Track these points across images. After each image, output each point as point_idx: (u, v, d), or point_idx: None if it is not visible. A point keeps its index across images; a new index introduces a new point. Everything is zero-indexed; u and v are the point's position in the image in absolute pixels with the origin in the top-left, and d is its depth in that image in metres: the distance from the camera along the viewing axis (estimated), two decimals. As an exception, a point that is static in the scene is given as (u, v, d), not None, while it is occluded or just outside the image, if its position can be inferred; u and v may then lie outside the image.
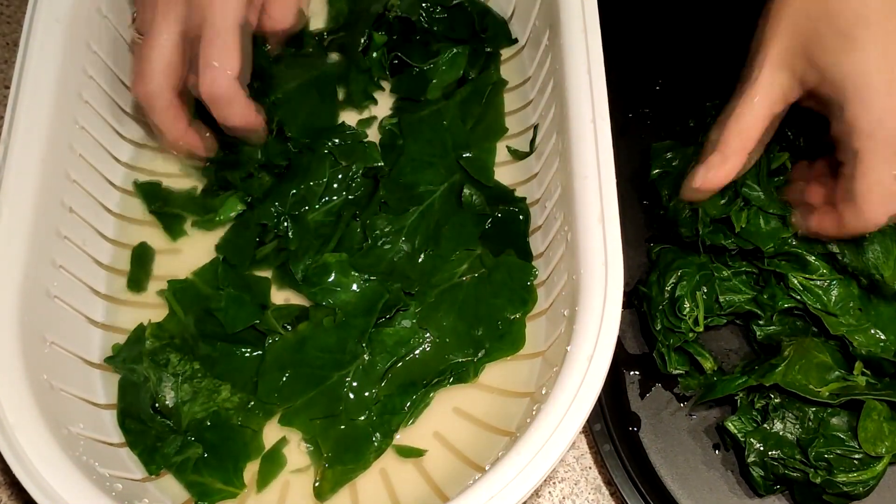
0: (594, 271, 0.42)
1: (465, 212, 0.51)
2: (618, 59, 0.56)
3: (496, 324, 0.48)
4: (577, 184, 0.44)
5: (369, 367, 0.46)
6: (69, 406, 0.43)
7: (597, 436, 0.48)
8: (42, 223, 0.43)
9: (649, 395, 0.51)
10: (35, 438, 0.39)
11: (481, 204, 0.51)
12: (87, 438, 0.43)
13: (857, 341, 0.48)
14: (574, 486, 0.50)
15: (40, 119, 0.44)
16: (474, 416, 0.47)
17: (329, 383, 0.46)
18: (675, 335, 0.50)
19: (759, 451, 0.47)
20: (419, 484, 0.45)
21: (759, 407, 0.48)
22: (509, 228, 0.51)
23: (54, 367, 0.43)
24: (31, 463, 0.38)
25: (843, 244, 0.49)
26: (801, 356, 0.48)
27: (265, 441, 0.46)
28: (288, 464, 0.46)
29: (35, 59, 0.45)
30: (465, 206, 0.51)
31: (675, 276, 0.51)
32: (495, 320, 0.48)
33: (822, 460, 0.46)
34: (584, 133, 0.45)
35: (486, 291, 0.48)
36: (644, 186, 0.56)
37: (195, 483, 0.44)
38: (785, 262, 0.50)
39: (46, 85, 0.45)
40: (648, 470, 0.49)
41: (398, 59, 0.55)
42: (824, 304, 0.49)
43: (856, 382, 0.47)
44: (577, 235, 0.43)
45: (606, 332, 0.41)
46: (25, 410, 0.39)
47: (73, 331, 0.45)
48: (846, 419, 0.47)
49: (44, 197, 0.44)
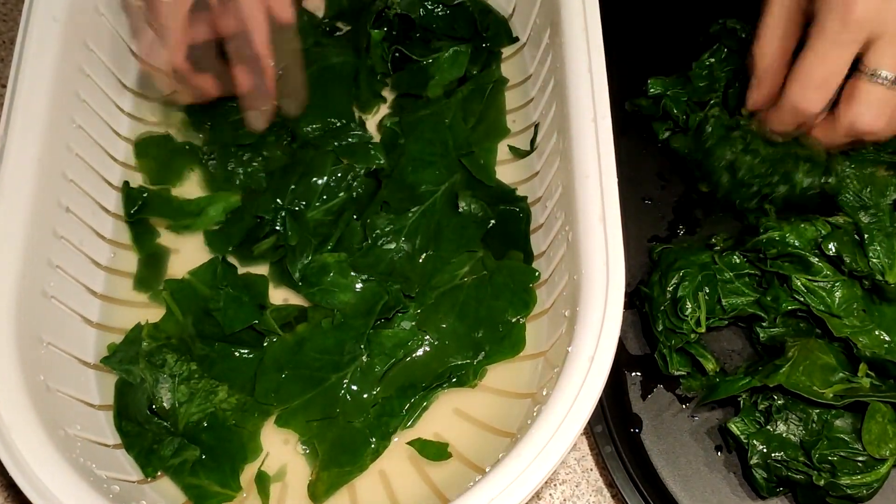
0: (595, 271, 0.42)
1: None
2: (619, 58, 0.56)
3: (497, 326, 0.47)
4: (578, 183, 0.44)
5: (367, 369, 0.46)
6: (66, 407, 0.43)
7: (598, 437, 0.48)
8: (38, 223, 0.43)
9: (651, 396, 0.51)
10: (31, 440, 0.39)
11: (479, 210, 0.50)
12: (84, 440, 0.42)
13: (862, 343, 0.48)
14: (575, 488, 0.50)
15: (37, 118, 0.44)
16: (475, 417, 0.47)
17: (327, 385, 0.46)
18: (677, 336, 0.50)
19: (761, 453, 0.47)
20: (419, 485, 0.45)
21: (763, 408, 0.48)
22: (510, 228, 0.51)
23: (51, 367, 0.43)
24: (27, 465, 0.38)
25: (841, 246, 0.49)
26: (805, 357, 0.47)
27: (263, 443, 0.46)
28: (286, 465, 0.45)
29: (32, 58, 0.45)
30: (463, 215, 0.50)
31: (676, 277, 0.51)
32: (496, 323, 0.47)
33: (826, 462, 0.46)
34: (585, 132, 0.45)
35: (486, 294, 0.48)
36: (645, 186, 0.56)
37: (192, 486, 0.44)
38: (788, 263, 0.50)
39: (43, 84, 0.45)
40: (650, 472, 0.49)
41: (399, 52, 0.55)
42: (828, 306, 0.49)
43: (860, 384, 0.47)
44: (579, 235, 0.43)
45: (608, 333, 0.40)
46: (22, 412, 0.39)
47: (69, 331, 0.45)
48: (850, 421, 0.47)
49: (40, 196, 0.43)
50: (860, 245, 0.50)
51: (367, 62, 0.54)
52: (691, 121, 0.56)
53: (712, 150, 0.54)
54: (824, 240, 0.50)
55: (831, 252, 0.49)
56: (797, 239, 0.50)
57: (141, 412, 0.45)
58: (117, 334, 0.48)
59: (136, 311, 0.49)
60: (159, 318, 0.48)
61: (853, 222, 0.51)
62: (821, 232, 0.50)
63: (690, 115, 0.56)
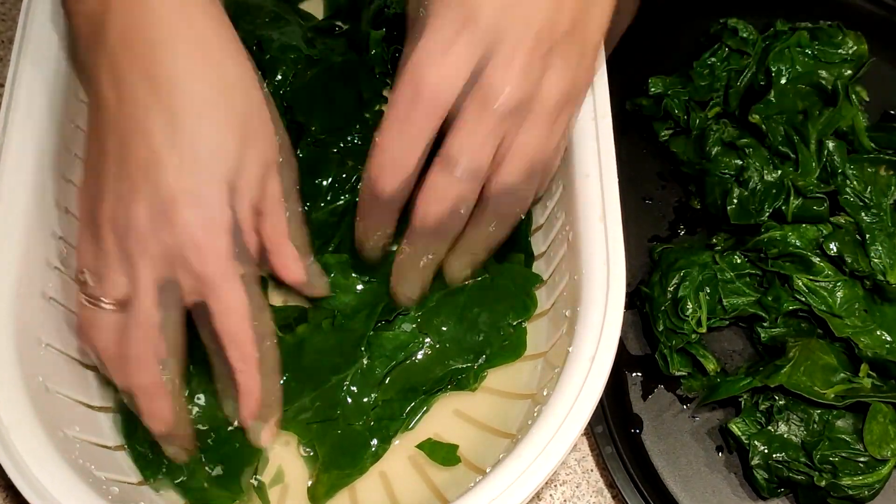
0: (596, 271, 0.42)
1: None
2: (620, 57, 0.56)
3: (497, 330, 0.47)
4: (578, 182, 0.44)
5: (368, 372, 0.46)
6: (65, 408, 0.43)
7: (598, 438, 0.48)
8: (37, 223, 0.43)
9: (651, 396, 0.51)
10: (31, 441, 0.38)
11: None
12: (84, 441, 0.42)
13: (863, 343, 0.48)
14: (575, 489, 0.50)
15: (35, 118, 0.44)
16: (475, 418, 0.47)
17: (327, 387, 0.45)
18: (678, 336, 0.50)
19: (762, 454, 0.47)
20: (419, 487, 0.45)
21: (764, 409, 0.48)
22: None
23: (50, 368, 0.43)
24: (26, 466, 0.38)
25: (843, 246, 0.49)
26: (806, 357, 0.47)
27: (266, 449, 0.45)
28: (287, 467, 0.45)
29: (30, 57, 0.45)
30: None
31: (677, 277, 0.50)
32: (497, 327, 0.47)
33: (827, 463, 0.46)
34: (585, 131, 0.45)
35: (488, 297, 0.47)
36: (645, 185, 0.56)
37: (193, 489, 0.44)
38: (789, 263, 0.50)
39: (42, 83, 0.44)
40: (650, 472, 0.49)
41: (399, 52, 0.55)
42: (829, 306, 0.49)
43: (861, 384, 0.47)
44: (579, 235, 0.43)
45: (608, 333, 0.40)
46: (21, 413, 0.39)
47: (68, 332, 0.45)
48: (851, 422, 0.47)
49: (39, 197, 0.43)
50: (861, 245, 0.50)
51: (367, 61, 0.54)
52: (692, 121, 0.56)
53: (710, 171, 0.54)
54: (825, 239, 0.50)
55: (833, 252, 0.49)
56: (798, 239, 0.50)
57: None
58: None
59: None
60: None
61: (854, 222, 0.51)
62: (822, 232, 0.50)
63: (692, 115, 0.56)
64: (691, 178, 0.56)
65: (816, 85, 0.55)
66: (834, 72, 0.55)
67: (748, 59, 0.57)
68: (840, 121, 0.52)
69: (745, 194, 0.52)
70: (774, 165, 0.52)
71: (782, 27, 0.57)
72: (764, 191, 0.52)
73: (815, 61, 0.55)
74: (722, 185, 0.53)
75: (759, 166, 0.52)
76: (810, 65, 0.55)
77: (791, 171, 0.52)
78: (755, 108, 0.54)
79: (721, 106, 0.56)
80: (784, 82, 0.55)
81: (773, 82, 0.54)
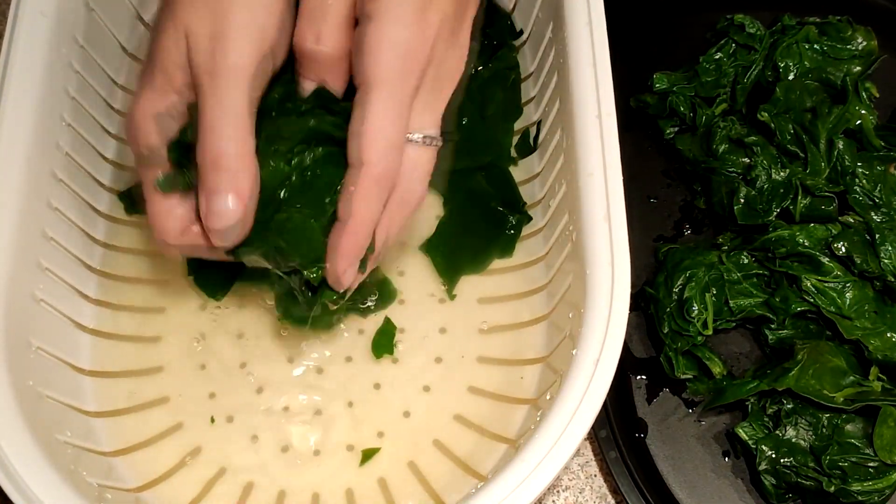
0: (600, 271, 0.41)
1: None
2: (624, 53, 0.55)
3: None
4: (582, 181, 0.43)
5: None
6: (56, 413, 0.42)
7: (602, 442, 0.47)
8: (27, 224, 0.42)
9: (656, 400, 0.50)
10: (20, 447, 0.38)
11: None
12: (75, 447, 0.42)
13: (873, 345, 0.47)
14: (579, 495, 0.49)
15: (26, 116, 0.43)
16: (474, 422, 0.46)
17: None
18: (683, 338, 0.49)
19: (770, 459, 0.46)
20: (418, 492, 0.44)
21: (771, 413, 0.47)
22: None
23: (40, 372, 0.42)
24: (15, 472, 0.37)
25: (852, 246, 0.48)
26: (815, 360, 0.47)
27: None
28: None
29: (20, 54, 0.44)
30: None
31: (683, 277, 0.50)
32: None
33: (836, 468, 0.45)
34: (589, 129, 0.44)
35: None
36: (650, 184, 0.55)
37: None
38: (797, 263, 0.49)
39: (32, 80, 0.44)
40: (656, 478, 0.48)
41: None
42: (839, 307, 0.48)
43: (871, 388, 0.46)
44: (583, 235, 0.42)
45: (613, 335, 0.40)
46: (9, 417, 0.38)
47: (60, 335, 0.44)
48: (861, 426, 0.46)
49: (29, 197, 0.42)
50: (871, 245, 0.49)
51: None
52: (698, 118, 0.55)
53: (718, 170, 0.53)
54: (834, 239, 0.49)
55: (842, 252, 0.49)
56: (807, 238, 0.49)
57: None
58: (113, 340, 0.47)
59: (130, 316, 0.48)
60: (158, 321, 0.47)
61: (864, 222, 0.50)
62: (831, 231, 0.49)
63: (698, 112, 0.55)
64: (697, 176, 0.55)
65: (825, 81, 0.54)
66: (843, 68, 0.54)
67: (755, 54, 0.56)
68: (850, 119, 0.52)
69: (753, 193, 0.51)
70: (782, 164, 0.51)
71: (790, 22, 0.56)
72: (772, 190, 0.51)
73: (824, 57, 0.55)
74: (729, 184, 0.52)
75: (767, 165, 0.51)
76: (819, 60, 0.55)
77: (800, 170, 0.51)
78: (764, 107, 0.53)
79: (728, 103, 0.56)
80: (792, 78, 0.54)
81: (781, 78, 0.54)
